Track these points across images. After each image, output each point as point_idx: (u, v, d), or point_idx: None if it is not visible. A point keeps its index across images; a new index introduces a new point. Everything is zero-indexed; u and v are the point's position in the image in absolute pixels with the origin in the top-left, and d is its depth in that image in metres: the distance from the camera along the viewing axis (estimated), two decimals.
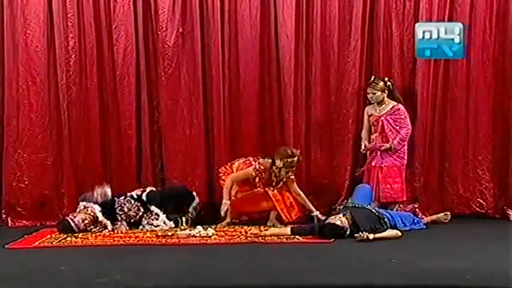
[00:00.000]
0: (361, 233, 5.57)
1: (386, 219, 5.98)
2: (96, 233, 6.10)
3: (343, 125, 6.98)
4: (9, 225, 6.80)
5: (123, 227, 6.27)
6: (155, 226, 6.32)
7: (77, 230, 6.09)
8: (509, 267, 4.41)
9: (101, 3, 6.85)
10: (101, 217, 6.21)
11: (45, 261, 5.07)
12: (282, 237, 5.78)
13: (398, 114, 6.66)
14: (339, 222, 5.69)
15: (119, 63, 6.89)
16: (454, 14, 6.80)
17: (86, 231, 6.11)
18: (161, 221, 6.37)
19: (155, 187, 6.84)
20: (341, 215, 5.80)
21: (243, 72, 6.96)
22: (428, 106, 6.91)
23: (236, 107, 7.00)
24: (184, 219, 6.45)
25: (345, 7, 6.92)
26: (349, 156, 6.98)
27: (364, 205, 6.10)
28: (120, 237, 5.95)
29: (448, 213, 6.62)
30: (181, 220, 6.43)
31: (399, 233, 5.79)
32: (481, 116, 6.89)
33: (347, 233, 5.67)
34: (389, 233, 5.77)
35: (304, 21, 6.92)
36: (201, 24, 6.87)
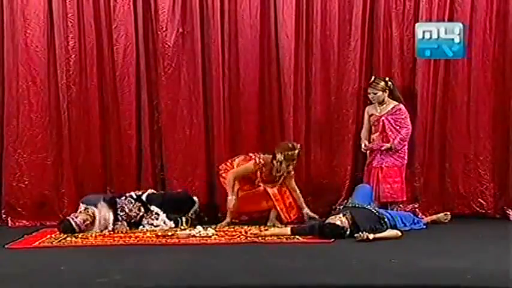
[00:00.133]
0: (361, 233, 5.57)
1: (386, 219, 5.98)
2: (96, 233, 6.10)
3: (343, 125, 6.98)
4: (9, 225, 6.81)
5: (123, 227, 6.27)
6: (155, 226, 6.32)
7: (78, 230, 6.08)
8: (509, 267, 4.41)
9: (101, 3, 6.85)
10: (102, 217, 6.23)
11: (45, 261, 5.07)
12: (282, 237, 5.78)
13: (399, 114, 6.66)
14: (339, 222, 5.69)
15: (118, 63, 6.89)
16: (454, 14, 6.80)
17: (87, 231, 6.10)
18: (161, 220, 6.37)
19: (155, 187, 6.86)
20: (341, 215, 5.80)
21: (243, 72, 6.96)
22: (428, 106, 6.91)
23: (236, 107, 7.00)
24: (184, 219, 6.44)
25: (345, 7, 6.92)
26: (349, 156, 6.98)
27: (364, 205, 6.10)
28: (120, 237, 5.95)
29: (448, 213, 6.63)
30: (181, 220, 6.43)
31: (399, 233, 5.79)
32: (481, 116, 6.90)
33: (347, 233, 5.68)
34: (389, 233, 5.77)
35: (304, 21, 6.91)
36: (201, 24, 6.87)
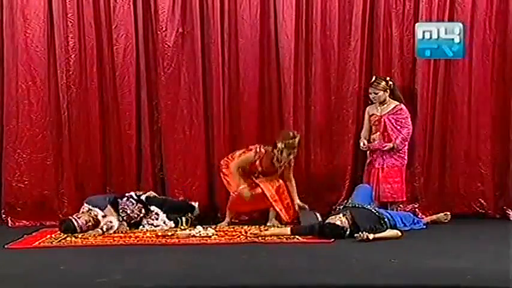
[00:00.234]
0: (361, 233, 5.57)
1: (386, 219, 5.98)
2: (97, 233, 6.09)
3: (343, 125, 6.97)
4: (9, 225, 6.80)
5: (123, 227, 6.26)
6: (155, 226, 6.32)
7: (79, 230, 6.08)
8: (509, 267, 4.40)
9: (101, 3, 6.84)
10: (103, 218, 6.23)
11: (45, 261, 5.07)
12: (282, 237, 5.78)
13: (400, 114, 6.66)
14: (339, 222, 5.69)
15: (118, 63, 6.89)
16: (454, 14, 6.80)
17: (88, 232, 6.09)
18: (161, 220, 6.37)
19: (155, 187, 6.87)
20: (341, 215, 5.80)
21: (243, 72, 6.95)
22: (428, 106, 6.90)
23: (236, 107, 6.99)
24: (184, 219, 6.44)
25: (345, 7, 6.91)
26: (349, 156, 6.97)
27: (364, 205, 6.10)
28: (120, 237, 5.95)
29: (448, 213, 6.63)
30: (181, 220, 6.43)
31: (399, 233, 5.80)
32: (481, 116, 6.89)
33: (347, 233, 5.68)
34: (389, 233, 5.77)
35: (304, 21, 6.91)
36: (201, 24, 6.86)
